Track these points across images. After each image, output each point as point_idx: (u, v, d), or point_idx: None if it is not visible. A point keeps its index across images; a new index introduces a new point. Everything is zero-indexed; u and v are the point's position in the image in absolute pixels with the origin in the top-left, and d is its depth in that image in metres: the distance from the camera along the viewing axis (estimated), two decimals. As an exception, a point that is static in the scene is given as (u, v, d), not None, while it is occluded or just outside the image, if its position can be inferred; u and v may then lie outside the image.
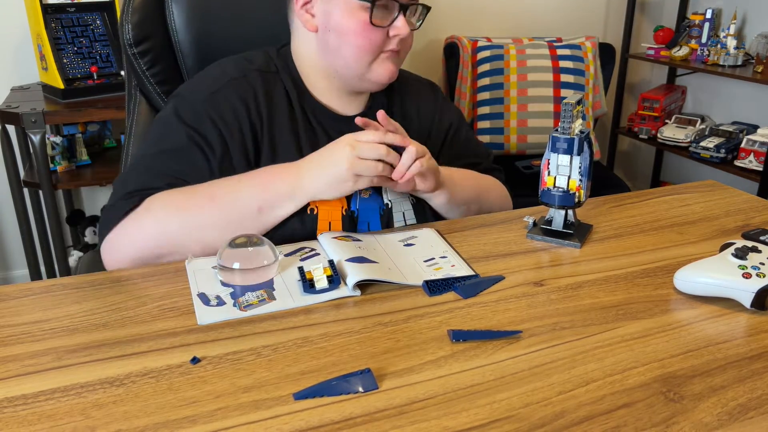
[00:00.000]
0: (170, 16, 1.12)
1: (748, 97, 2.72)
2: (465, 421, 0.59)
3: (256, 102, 0.98)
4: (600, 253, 0.93)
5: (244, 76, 1.00)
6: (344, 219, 0.98)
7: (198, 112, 0.96)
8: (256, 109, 0.98)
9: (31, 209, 2.24)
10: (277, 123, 1.00)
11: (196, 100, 0.97)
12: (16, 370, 0.66)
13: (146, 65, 1.13)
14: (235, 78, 0.99)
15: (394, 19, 0.96)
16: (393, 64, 1.00)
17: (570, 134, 0.91)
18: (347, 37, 0.96)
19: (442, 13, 2.74)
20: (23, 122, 1.88)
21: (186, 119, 0.96)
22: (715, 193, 1.16)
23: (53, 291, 0.82)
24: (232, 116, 0.96)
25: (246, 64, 1.02)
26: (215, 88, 0.98)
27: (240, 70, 1.00)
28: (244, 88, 0.98)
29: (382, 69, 0.99)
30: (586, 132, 0.94)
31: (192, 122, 0.95)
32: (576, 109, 0.92)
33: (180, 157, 0.94)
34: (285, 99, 1.02)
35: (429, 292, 0.81)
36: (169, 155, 0.95)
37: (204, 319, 0.75)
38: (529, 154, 2.56)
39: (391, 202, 1.02)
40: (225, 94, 0.97)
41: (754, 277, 0.77)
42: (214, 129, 0.95)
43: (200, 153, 0.95)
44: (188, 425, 0.59)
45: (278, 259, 0.85)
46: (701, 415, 0.60)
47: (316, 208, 0.96)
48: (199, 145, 0.95)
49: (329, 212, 0.97)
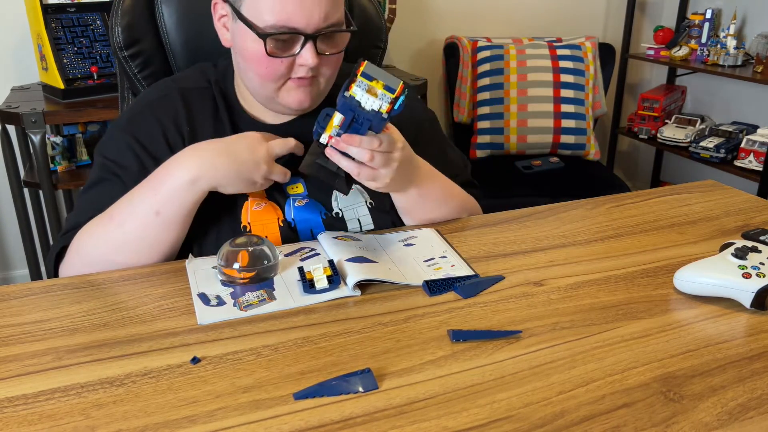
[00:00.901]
0: (160, 18, 1.12)
1: (748, 97, 2.72)
2: (465, 421, 0.59)
3: (175, 120, 0.98)
4: (600, 253, 0.93)
5: (164, 96, 1.00)
6: (282, 231, 0.97)
7: (117, 141, 0.98)
8: (175, 127, 0.97)
9: (31, 209, 2.24)
10: (201, 136, 0.97)
11: (116, 131, 0.99)
12: (16, 370, 0.66)
13: (137, 68, 1.13)
14: (153, 100, 1.00)
15: (300, 49, 0.88)
16: (303, 93, 0.92)
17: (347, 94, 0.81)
18: (249, 63, 0.91)
19: (442, 13, 2.74)
20: (23, 122, 1.88)
21: (105, 152, 0.98)
22: (715, 193, 1.16)
23: (53, 291, 0.82)
24: (148, 138, 0.96)
25: (170, 84, 1.02)
26: (132, 113, 1.00)
27: (160, 91, 1.01)
28: (161, 109, 0.98)
29: (290, 98, 0.93)
30: (378, 116, 0.81)
31: (109, 153, 0.97)
32: (378, 84, 0.80)
33: (100, 189, 0.96)
34: (211, 113, 1.00)
35: (429, 292, 0.81)
36: (93, 190, 0.97)
37: (204, 319, 0.75)
38: (529, 154, 2.56)
39: (341, 211, 1.00)
40: (140, 118, 0.98)
41: (754, 277, 0.77)
42: (129, 152, 0.96)
43: (115, 179, 0.96)
44: (188, 425, 0.59)
45: (279, 260, 0.85)
46: (701, 415, 0.60)
47: (249, 225, 0.96)
48: (114, 172, 0.96)
49: (264, 226, 0.97)
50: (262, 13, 0.86)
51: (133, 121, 0.98)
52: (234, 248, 0.83)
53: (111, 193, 0.94)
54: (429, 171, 1.01)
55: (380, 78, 0.79)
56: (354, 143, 0.83)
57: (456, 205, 1.05)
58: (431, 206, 1.02)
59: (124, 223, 0.89)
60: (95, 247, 0.90)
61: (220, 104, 1.00)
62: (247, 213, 0.97)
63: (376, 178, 0.88)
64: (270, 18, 0.86)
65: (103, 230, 0.90)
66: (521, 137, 2.52)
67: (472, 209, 1.10)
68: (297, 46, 0.88)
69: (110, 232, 0.89)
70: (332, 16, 0.88)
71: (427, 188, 1.00)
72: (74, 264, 0.91)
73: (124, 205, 0.90)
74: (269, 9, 0.86)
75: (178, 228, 0.91)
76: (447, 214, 1.04)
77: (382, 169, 0.87)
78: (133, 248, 0.89)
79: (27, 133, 1.92)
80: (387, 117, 0.80)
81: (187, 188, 0.88)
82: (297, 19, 0.86)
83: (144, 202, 0.89)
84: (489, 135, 2.53)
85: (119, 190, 0.93)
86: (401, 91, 0.79)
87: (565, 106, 2.53)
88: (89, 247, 0.90)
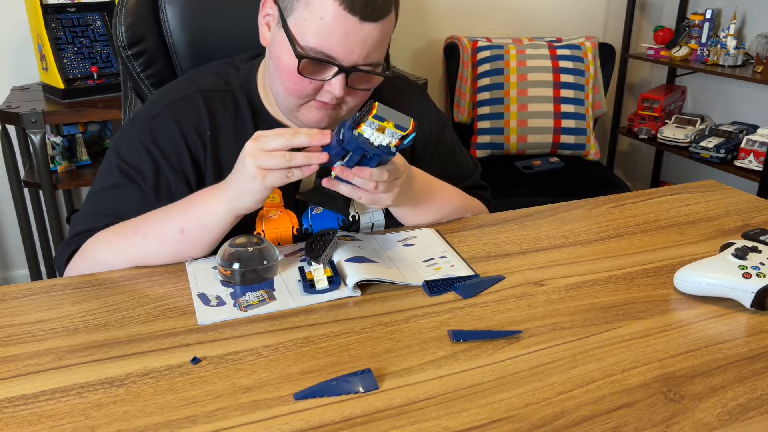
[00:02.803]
0: (164, 17, 1.12)
1: (748, 97, 2.72)
2: (465, 421, 0.59)
3: (196, 123, 0.95)
4: (600, 253, 0.93)
5: (184, 97, 0.97)
6: (296, 240, 0.96)
7: (134, 143, 0.95)
8: (195, 130, 0.95)
9: (31, 209, 2.24)
10: (223, 141, 0.96)
11: (132, 131, 0.96)
12: (16, 370, 0.66)
13: (141, 67, 1.12)
14: (173, 102, 0.96)
15: (332, 77, 0.86)
16: (323, 115, 0.91)
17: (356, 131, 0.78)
18: (280, 72, 0.89)
19: (442, 13, 2.74)
20: (23, 122, 1.88)
21: (122, 153, 0.95)
22: (715, 193, 1.16)
23: (53, 291, 0.82)
24: (167, 141, 0.94)
25: (189, 84, 0.98)
26: (151, 115, 0.96)
27: (180, 93, 0.97)
28: (182, 111, 0.95)
29: (310, 116, 0.92)
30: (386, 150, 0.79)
31: (126, 156, 0.94)
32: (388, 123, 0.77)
33: (116, 194, 0.94)
34: (234, 116, 0.98)
35: (429, 292, 0.81)
36: (107, 193, 0.95)
37: (204, 319, 0.75)
38: (529, 154, 2.56)
39: (358, 214, 1.00)
40: (160, 120, 0.95)
41: (754, 277, 0.77)
42: (147, 157, 0.94)
43: (133, 185, 0.93)
44: (188, 425, 0.59)
45: (279, 260, 0.85)
46: (701, 415, 0.60)
47: (263, 233, 0.95)
48: (132, 178, 0.93)
49: (278, 233, 0.96)
50: (306, 33, 0.84)
51: (151, 123, 0.95)
52: (233, 248, 0.83)
53: (128, 200, 0.92)
54: (426, 183, 1.01)
55: (391, 118, 0.77)
56: (364, 176, 0.82)
57: (453, 209, 1.05)
58: (427, 215, 1.02)
59: (148, 237, 0.88)
60: (113, 257, 0.89)
61: (243, 108, 0.98)
62: (262, 221, 0.96)
63: (378, 202, 0.89)
64: (312, 41, 0.84)
65: (124, 242, 0.89)
66: (521, 137, 2.52)
67: (476, 211, 1.10)
68: (329, 73, 0.87)
69: (133, 244, 0.88)
70: (372, 56, 0.87)
71: (422, 198, 1.00)
72: (85, 270, 0.90)
73: (152, 219, 0.89)
74: (314, 33, 0.84)
75: (200, 249, 0.89)
76: (443, 218, 1.04)
77: (384, 194, 0.87)
78: (153, 262, 0.88)
79: (27, 133, 1.92)
80: (395, 151, 0.79)
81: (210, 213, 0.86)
82: (338, 50, 0.84)
83: (172, 221, 0.87)
84: (489, 135, 2.53)
85: (137, 198, 0.92)
86: (412, 129, 0.79)
87: (565, 106, 2.53)
88: (106, 257, 0.89)
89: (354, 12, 0.82)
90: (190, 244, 0.88)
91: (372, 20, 0.84)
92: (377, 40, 0.86)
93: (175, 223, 0.87)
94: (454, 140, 1.15)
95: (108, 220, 0.92)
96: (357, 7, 0.82)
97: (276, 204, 0.97)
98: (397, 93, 1.08)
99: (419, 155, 1.07)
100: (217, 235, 0.88)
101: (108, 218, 0.92)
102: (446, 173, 1.07)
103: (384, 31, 0.86)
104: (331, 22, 0.82)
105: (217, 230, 0.87)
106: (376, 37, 0.85)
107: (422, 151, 1.09)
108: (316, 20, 0.83)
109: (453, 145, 1.15)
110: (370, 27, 0.84)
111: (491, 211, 1.12)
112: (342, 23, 0.83)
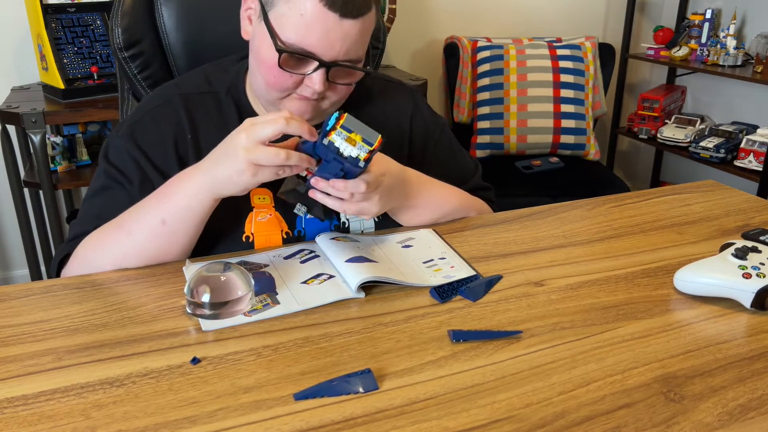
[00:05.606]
0: (160, 18, 1.12)
1: (748, 97, 2.72)
2: (465, 421, 0.59)
3: (175, 127, 0.96)
4: (600, 253, 0.93)
5: (166, 102, 0.98)
6: (285, 243, 0.96)
7: (119, 148, 0.96)
8: (175, 133, 0.96)
9: (31, 209, 2.24)
10: (204, 143, 0.96)
11: (117, 136, 0.97)
12: (16, 370, 0.66)
13: (137, 68, 1.12)
14: (155, 107, 0.98)
15: (312, 71, 0.87)
16: (305, 106, 0.91)
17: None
18: (261, 65, 0.89)
19: (442, 13, 2.74)
20: (23, 122, 1.88)
21: (110, 158, 0.96)
22: (715, 193, 1.16)
23: (53, 291, 0.82)
24: (149, 145, 0.95)
25: (172, 89, 1.00)
26: (134, 120, 0.98)
27: (161, 98, 0.99)
28: (163, 117, 0.96)
29: (293, 106, 0.91)
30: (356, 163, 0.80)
31: (113, 160, 0.96)
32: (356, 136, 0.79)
33: (104, 197, 0.95)
34: (216, 116, 0.98)
35: (440, 298, 0.81)
36: (96, 197, 0.96)
37: (209, 326, 0.74)
38: (529, 154, 2.56)
39: (348, 221, 1.00)
40: (142, 125, 0.96)
41: (754, 277, 0.77)
42: (130, 160, 0.95)
43: (120, 188, 0.94)
44: (188, 425, 0.59)
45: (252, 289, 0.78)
46: (702, 416, 0.60)
47: (252, 236, 0.95)
48: (118, 180, 0.95)
49: (267, 237, 0.96)
50: (287, 29, 0.85)
51: (134, 129, 0.97)
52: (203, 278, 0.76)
53: (115, 201, 0.93)
54: (421, 183, 1.00)
55: (359, 132, 0.79)
56: (339, 188, 0.82)
57: (452, 209, 1.05)
58: (425, 215, 1.02)
59: (132, 231, 0.88)
60: (102, 257, 0.89)
61: (227, 108, 0.98)
62: (251, 224, 0.96)
63: (362, 212, 0.88)
64: (292, 36, 0.85)
65: (111, 239, 0.89)
66: (521, 137, 2.52)
67: (480, 210, 1.10)
68: (310, 67, 0.87)
69: (119, 241, 0.89)
70: (353, 52, 0.88)
71: (418, 198, 0.99)
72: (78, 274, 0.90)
73: (134, 213, 0.89)
74: (294, 29, 0.84)
75: (184, 237, 0.89)
76: (442, 217, 1.04)
77: (364, 203, 0.87)
78: (142, 258, 0.88)
79: (27, 133, 1.92)
80: (364, 165, 0.80)
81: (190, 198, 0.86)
82: (318, 47, 0.85)
83: (152, 211, 0.87)
84: (489, 135, 2.53)
85: (124, 198, 0.92)
86: (378, 145, 0.80)
87: (565, 106, 2.53)
88: (96, 257, 0.89)
89: (334, 9, 0.83)
90: (173, 233, 0.87)
91: (352, 17, 0.84)
92: (357, 36, 0.86)
93: (155, 214, 0.87)
94: (452, 143, 1.15)
95: (97, 222, 0.92)
96: (337, 3, 0.83)
97: (266, 205, 0.97)
98: (389, 95, 1.09)
99: (416, 157, 1.07)
100: (198, 220, 0.88)
101: (98, 220, 0.93)
102: (447, 176, 1.07)
103: (364, 27, 0.87)
104: (311, 18, 0.83)
105: (198, 216, 0.87)
106: (356, 33, 0.86)
107: (419, 152, 1.09)
108: (297, 16, 0.84)
109: (452, 148, 1.14)
110: (350, 23, 0.85)
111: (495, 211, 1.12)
112: (322, 19, 0.83)
